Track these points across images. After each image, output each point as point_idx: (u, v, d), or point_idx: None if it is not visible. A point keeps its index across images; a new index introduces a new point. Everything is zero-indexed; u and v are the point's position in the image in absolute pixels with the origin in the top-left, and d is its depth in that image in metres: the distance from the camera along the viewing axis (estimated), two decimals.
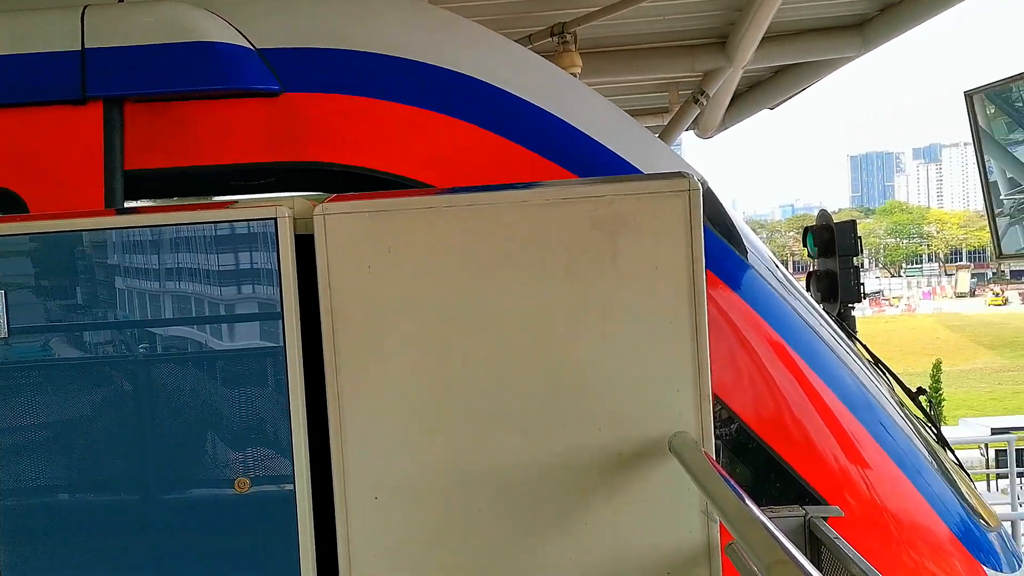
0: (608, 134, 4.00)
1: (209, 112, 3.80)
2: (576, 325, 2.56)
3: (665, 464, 2.53)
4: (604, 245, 2.57)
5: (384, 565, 2.59)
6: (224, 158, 3.80)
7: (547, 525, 2.55)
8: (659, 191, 2.57)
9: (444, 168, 3.77)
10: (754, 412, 4.05)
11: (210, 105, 3.79)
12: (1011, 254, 9.94)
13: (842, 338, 4.75)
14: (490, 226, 2.57)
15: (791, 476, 4.02)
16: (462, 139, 3.81)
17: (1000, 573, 4.21)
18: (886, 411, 4.40)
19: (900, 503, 4.16)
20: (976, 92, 9.44)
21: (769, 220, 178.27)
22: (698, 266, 2.57)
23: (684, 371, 2.57)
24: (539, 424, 2.58)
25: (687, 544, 2.56)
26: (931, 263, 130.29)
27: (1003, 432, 24.63)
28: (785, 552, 1.47)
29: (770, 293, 4.38)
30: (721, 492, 1.94)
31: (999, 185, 9.86)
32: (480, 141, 3.80)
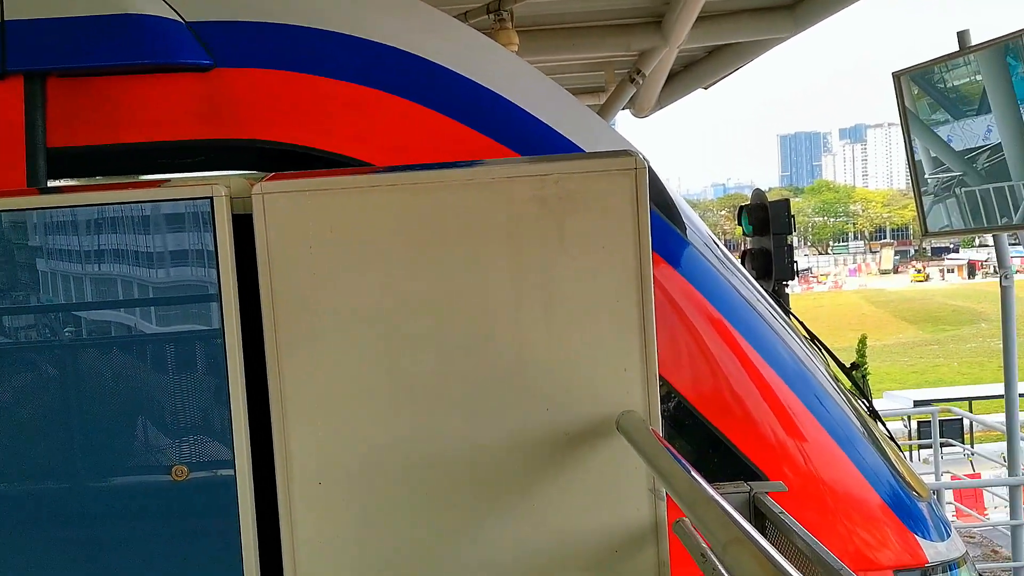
0: (550, 113, 3.97)
1: (137, 87, 3.65)
2: (522, 305, 2.53)
3: (613, 443, 2.52)
4: (550, 224, 2.54)
5: (329, 551, 2.54)
6: (153, 135, 3.66)
7: (494, 507, 2.53)
8: (605, 169, 2.55)
9: (384, 146, 3.69)
10: (695, 389, 4.09)
11: (138, 80, 3.65)
12: (936, 231, 10.23)
13: (779, 315, 4.82)
14: (434, 205, 2.52)
15: (731, 452, 4.07)
16: (402, 117, 3.73)
17: (930, 541, 4.34)
18: (822, 386, 4.49)
19: (836, 475, 4.26)
20: (903, 73, 9.66)
21: (702, 199, 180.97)
22: (644, 245, 2.56)
23: (631, 350, 2.56)
24: (486, 405, 2.55)
25: (635, 522, 2.57)
26: (857, 241, 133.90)
27: (925, 404, 25.52)
28: (740, 530, 1.47)
29: (710, 271, 4.42)
30: (672, 470, 1.94)
31: (923, 164, 10.13)
32: (421, 119, 3.73)
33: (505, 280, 2.54)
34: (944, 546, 4.41)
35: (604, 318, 2.55)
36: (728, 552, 1.43)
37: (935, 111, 9.82)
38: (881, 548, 4.22)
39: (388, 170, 2.77)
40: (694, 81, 10.44)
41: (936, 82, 9.67)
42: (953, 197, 9.86)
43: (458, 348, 2.54)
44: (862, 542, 4.22)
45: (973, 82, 9.26)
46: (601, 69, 9.59)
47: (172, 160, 3.76)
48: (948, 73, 9.50)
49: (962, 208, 9.73)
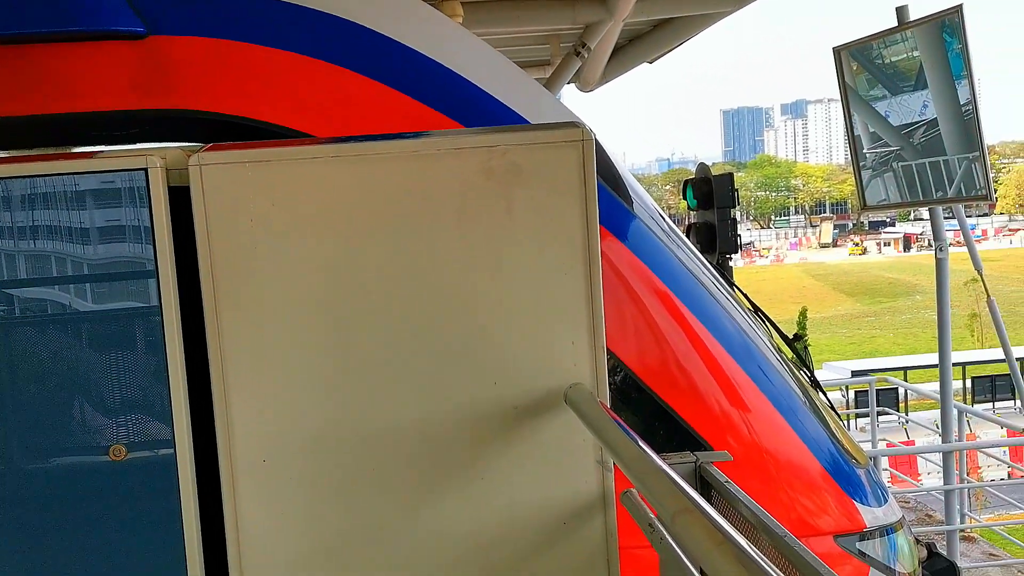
0: (496, 84, 3.93)
1: (67, 55, 3.52)
2: (470, 278, 2.51)
3: (561, 416, 2.52)
4: (497, 196, 2.51)
5: (275, 530, 2.50)
6: (84, 105, 3.54)
7: (442, 481, 2.51)
8: (553, 141, 2.53)
9: (325, 117, 3.62)
10: (641, 361, 4.12)
11: (68, 48, 3.51)
12: (874, 205, 10.43)
13: (724, 287, 4.87)
14: (379, 177, 2.47)
15: (677, 423, 4.12)
16: (344, 87, 3.66)
17: (868, 506, 4.45)
18: (765, 357, 4.56)
19: (778, 444, 4.33)
20: (843, 48, 9.78)
21: (646, 173, 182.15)
22: (592, 217, 2.55)
23: (579, 323, 2.56)
24: (433, 379, 2.53)
25: (583, 494, 2.57)
26: (797, 215, 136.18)
27: (863, 374, 26.21)
28: (688, 500, 1.47)
29: (656, 244, 4.44)
30: (620, 442, 1.94)
31: (862, 139, 10.30)
32: (363, 89, 3.66)
33: (452, 253, 2.51)
34: (881, 511, 4.53)
35: (552, 290, 2.54)
36: (676, 522, 1.43)
37: (873, 87, 9.98)
38: (822, 514, 4.32)
39: (331, 141, 2.71)
40: (639, 55, 10.44)
41: (875, 58, 9.82)
42: (890, 171, 10.05)
43: (405, 322, 2.51)
44: (804, 509, 4.31)
45: (910, 58, 9.42)
46: (547, 42, 9.54)
47: (105, 132, 3.63)
48: (886, 49, 9.65)
49: (899, 182, 9.93)
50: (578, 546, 2.56)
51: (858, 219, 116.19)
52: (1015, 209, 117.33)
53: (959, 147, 9.12)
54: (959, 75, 8.96)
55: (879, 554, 4.39)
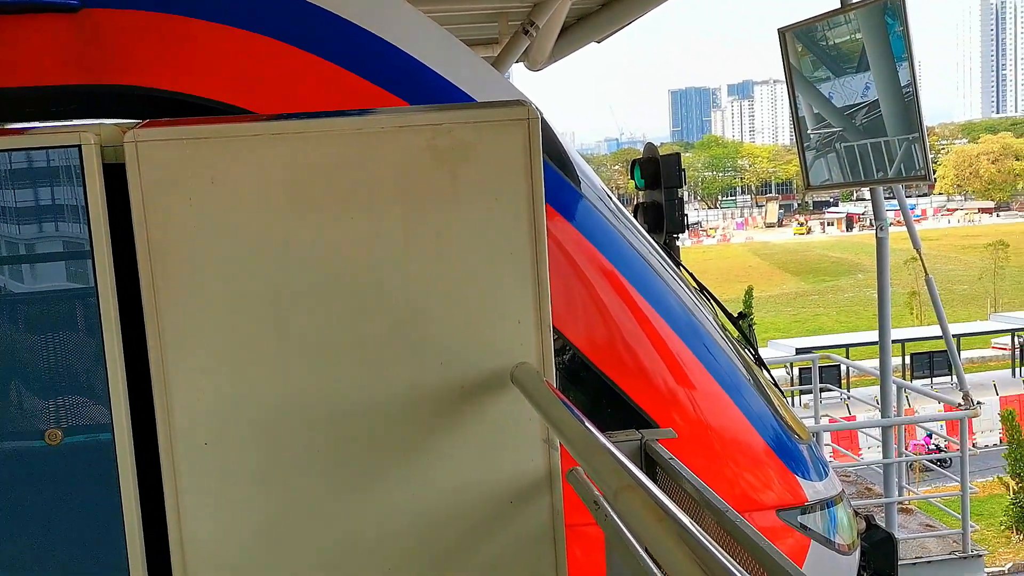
0: (442, 62, 3.89)
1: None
2: (414, 257, 2.48)
3: (507, 395, 2.52)
4: (442, 175, 2.49)
5: (217, 513, 2.46)
6: (16, 80, 3.42)
7: (388, 461, 2.50)
8: (498, 119, 2.50)
9: (271, 95, 3.55)
10: (589, 340, 4.14)
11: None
12: (817, 185, 10.59)
13: (670, 266, 4.91)
14: (322, 155, 2.43)
15: (624, 401, 4.15)
16: (286, 63, 3.59)
17: (809, 481, 4.55)
18: (711, 336, 4.61)
19: (723, 421, 4.40)
20: (788, 29, 9.88)
21: (595, 153, 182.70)
22: (538, 196, 2.54)
23: (525, 302, 2.55)
24: (378, 360, 2.51)
25: (529, 472, 2.58)
26: (744, 195, 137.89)
27: (806, 352, 26.76)
28: (631, 477, 1.48)
29: (603, 223, 4.46)
30: (565, 420, 1.94)
31: (807, 120, 10.44)
32: (306, 66, 3.60)
33: (397, 232, 2.48)
34: (822, 485, 4.64)
35: (498, 269, 2.53)
36: (619, 499, 1.44)
37: (818, 68, 10.10)
38: (765, 489, 4.40)
39: (273, 118, 2.66)
40: (587, 34, 10.43)
41: (819, 39, 9.93)
42: (833, 152, 10.21)
43: (349, 301, 2.48)
44: (748, 484, 4.39)
45: (853, 40, 9.55)
46: (495, 20, 9.48)
47: (38, 107, 3.52)
48: (830, 31, 9.77)
49: (842, 163, 10.09)
50: (525, 524, 2.57)
51: (802, 199, 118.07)
52: (953, 189, 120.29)
53: (899, 128, 9.29)
54: (900, 57, 9.11)
55: (820, 527, 4.50)
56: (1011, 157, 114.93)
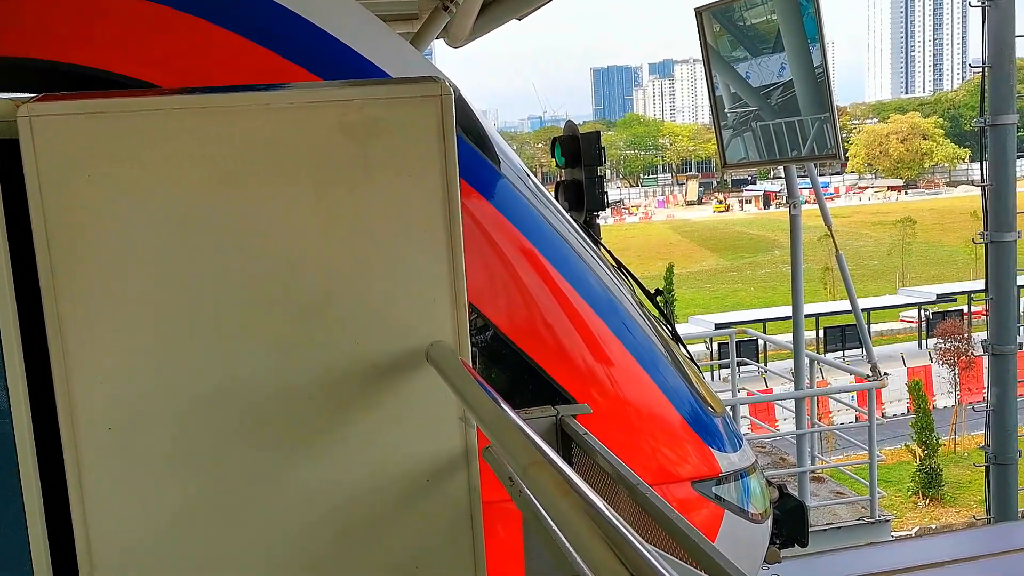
0: (357, 37, 3.83)
1: None
2: (327, 235, 2.44)
3: (423, 374, 2.51)
4: (354, 152, 2.45)
5: (123, 501, 2.39)
6: None
7: (301, 444, 2.46)
8: (411, 95, 2.47)
9: (176, 69, 3.44)
10: (508, 318, 4.16)
11: None
12: (734, 164, 10.81)
13: (589, 245, 4.96)
14: (228, 131, 2.36)
15: (543, 378, 4.19)
16: (193, 36, 3.48)
17: (724, 453, 4.67)
18: (628, 312, 4.68)
19: (641, 396, 4.48)
20: (705, 9, 10.01)
21: (518, 131, 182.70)
22: (452, 173, 2.52)
23: (440, 280, 2.54)
24: (290, 340, 2.46)
25: (446, 450, 2.58)
26: (665, 173, 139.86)
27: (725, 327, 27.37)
28: (540, 453, 1.49)
29: (522, 202, 4.47)
30: (477, 398, 1.94)
31: (724, 99, 10.62)
32: (213, 39, 3.49)
33: (307, 210, 2.44)
34: (736, 456, 4.77)
35: (412, 248, 2.51)
36: (528, 474, 1.45)
37: (735, 48, 10.27)
38: (681, 462, 4.51)
39: (177, 92, 2.57)
40: (508, 11, 10.37)
41: (736, 20, 10.10)
42: (750, 131, 10.42)
43: (259, 282, 2.43)
44: (664, 457, 4.49)
45: (769, 21, 9.73)
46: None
47: None
48: (747, 11, 9.94)
49: (757, 141, 10.31)
50: (442, 502, 2.57)
51: (721, 177, 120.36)
52: (864, 168, 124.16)
53: (812, 108, 9.52)
54: (813, 39, 9.33)
55: (733, 497, 4.63)
56: (919, 137, 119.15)
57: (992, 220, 11.76)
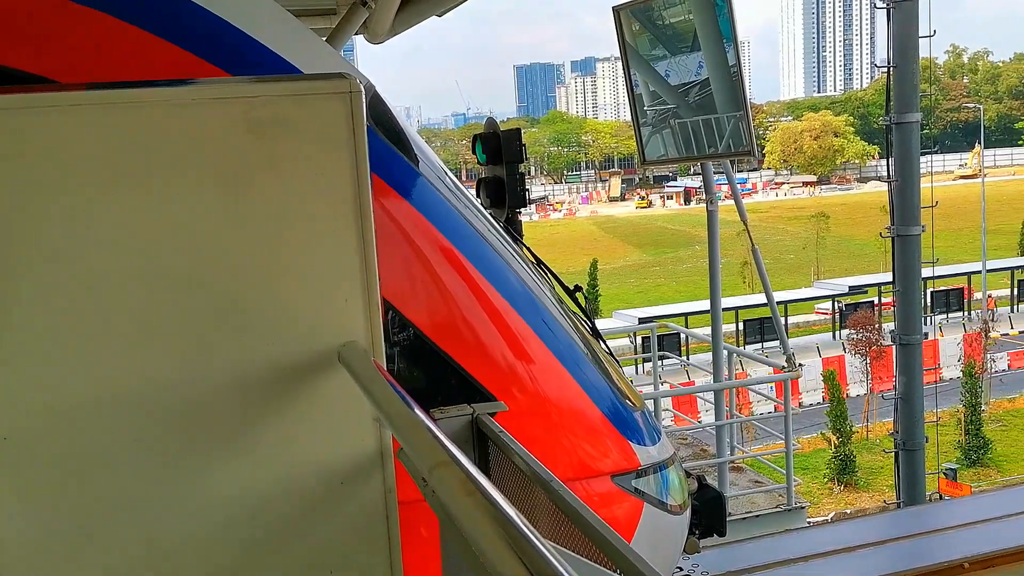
0: (266, 32, 3.75)
1: None
2: (233, 235, 2.38)
3: (335, 375, 2.47)
4: (261, 150, 2.39)
5: (19, 513, 2.30)
6: None
7: (209, 449, 2.40)
8: (319, 92, 2.43)
9: (76, 63, 3.31)
10: (427, 317, 4.13)
11: None
12: (653, 160, 10.95)
13: (508, 242, 4.96)
14: (127, 128, 2.29)
15: (463, 377, 4.18)
16: (93, 29, 3.36)
17: (643, 446, 4.74)
18: (547, 309, 4.70)
19: (561, 393, 4.51)
20: (623, 8, 10.12)
21: (442, 128, 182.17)
22: (362, 171, 2.48)
23: (352, 280, 2.50)
24: (198, 343, 2.40)
25: (361, 452, 2.54)
26: (588, 170, 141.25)
27: (649, 321, 27.83)
28: (446, 453, 1.48)
29: (440, 200, 4.44)
30: (387, 399, 1.92)
31: (643, 97, 10.75)
32: (115, 33, 3.38)
33: (212, 209, 2.37)
34: (655, 450, 4.84)
35: (322, 247, 2.47)
36: (433, 475, 1.44)
37: (655, 47, 10.40)
38: (601, 457, 4.55)
39: (75, 87, 2.47)
40: (428, 7, 10.29)
41: (655, 19, 10.23)
42: (668, 128, 10.57)
43: (164, 283, 2.35)
44: (584, 452, 4.52)
45: (687, 20, 9.88)
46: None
47: None
48: (666, 10, 10.07)
49: (676, 138, 10.47)
50: (357, 505, 2.53)
51: (643, 174, 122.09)
52: (780, 164, 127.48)
53: (728, 106, 9.71)
54: (728, 38, 9.52)
55: (653, 490, 4.69)
56: (831, 134, 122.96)
57: (898, 215, 12.21)
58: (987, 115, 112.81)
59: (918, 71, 12.45)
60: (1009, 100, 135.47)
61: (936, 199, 15.90)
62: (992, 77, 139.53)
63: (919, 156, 12.48)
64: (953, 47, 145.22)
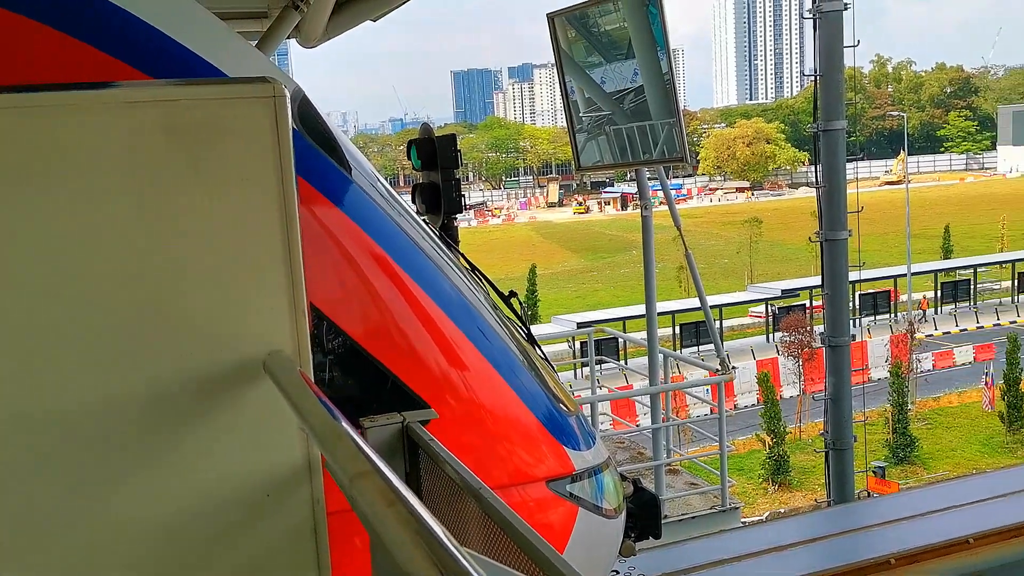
0: (189, 34, 3.66)
1: None
2: (152, 243, 2.32)
3: (261, 385, 2.42)
4: (182, 155, 2.33)
5: None
6: None
7: (125, 466, 2.32)
8: (241, 96, 2.38)
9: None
10: (358, 325, 4.08)
11: None
12: (588, 167, 11.03)
13: (443, 249, 4.94)
14: (37, 133, 2.21)
15: (397, 385, 4.14)
16: (10, 32, 3.24)
17: (578, 451, 4.75)
18: (483, 316, 4.68)
19: (496, 400, 4.49)
20: (557, 15, 10.17)
21: (380, 134, 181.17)
22: (288, 177, 2.44)
23: (277, 287, 2.45)
24: (118, 354, 2.32)
25: (288, 464, 2.49)
26: (527, 176, 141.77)
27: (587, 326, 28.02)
28: (368, 463, 1.46)
29: (372, 207, 4.40)
30: (310, 408, 1.89)
31: (579, 104, 10.82)
32: (31, 34, 3.27)
33: (132, 217, 2.30)
34: (590, 454, 4.85)
35: (246, 255, 2.41)
36: (354, 485, 1.41)
37: (591, 54, 10.47)
38: (536, 463, 4.55)
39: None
40: (363, 11, 10.22)
41: (591, 26, 10.30)
42: (603, 135, 10.66)
43: (80, 293, 2.28)
44: (519, 459, 4.51)
45: (622, 28, 9.97)
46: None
47: None
48: (601, 18, 10.16)
49: (611, 145, 10.55)
50: (284, 517, 2.48)
51: (581, 180, 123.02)
52: (714, 170, 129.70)
53: (661, 113, 9.83)
54: (661, 46, 9.63)
55: (588, 494, 4.70)
56: (763, 141, 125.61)
57: (826, 220, 12.50)
58: (911, 123, 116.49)
59: (843, 80, 12.79)
60: (931, 108, 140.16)
61: (862, 204, 16.35)
62: (915, 86, 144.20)
63: (845, 163, 12.80)
64: (878, 57, 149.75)
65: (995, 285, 59.12)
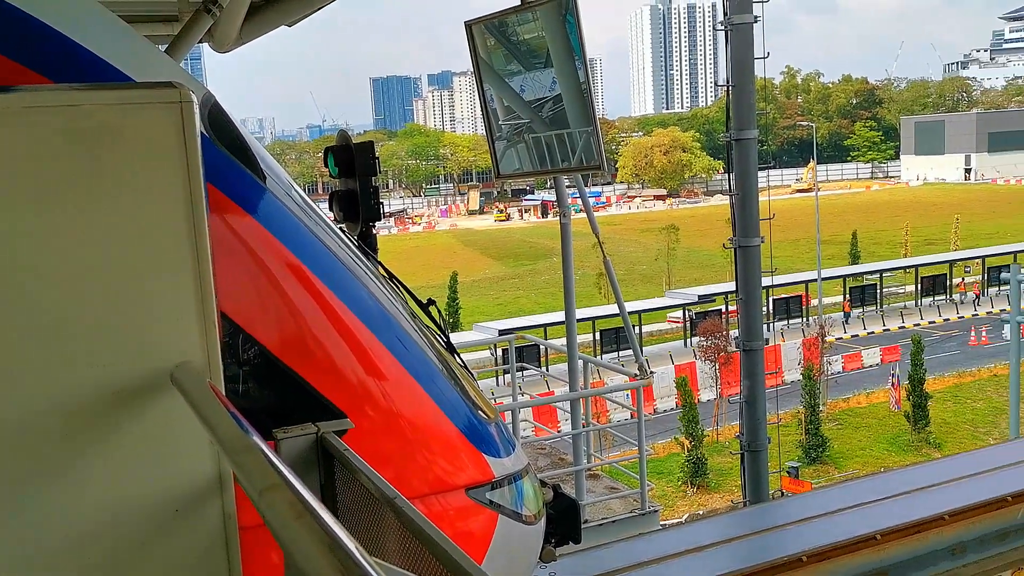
0: (93, 37, 3.56)
1: None
2: (53, 252, 2.24)
3: (168, 397, 2.35)
4: (84, 162, 2.26)
5: None
6: None
7: (25, 481, 2.23)
8: (146, 101, 2.32)
9: None
10: (272, 335, 4.02)
11: None
12: (508, 174, 11.07)
13: (360, 258, 4.89)
14: None
15: (314, 396, 4.08)
16: None
17: (497, 458, 4.76)
18: (400, 325, 4.65)
19: (414, 409, 4.47)
20: (475, 23, 10.20)
21: (297, 141, 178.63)
22: (196, 183, 2.38)
23: (186, 297, 2.39)
24: (15, 368, 2.23)
25: (199, 478, 2.43)
26: (447, 183, 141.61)
27: (509, 333, 28.11)
28: (277, 476, 1.43)
29: (287, 216, 4.33)
30: (221, 422, 1.84)
31: (498, 111, 10.86)
32: None
33: (31, 226, 2.22)
34: (509, 461, 4.87)
35: (153, 263, 2.35)
36: (263, 499, 1.38)
37: (510, 62, 10.51)
38: (455, 471, 4.54)
39: None
40: (278, 16, 10.06)
41: (510, 34, 10.35)
42: (523, 143, 10.71)
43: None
44: (438, 467, 4.49)
45: (540, 37, 10.05)
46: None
47: None
48: (520, 26, 10.21)
49: (530, 152, 10.61)
50: (194, 532, 2.42)
51: (501, 187, 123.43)
52: (632, 178, 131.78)
53: (579, 121, 9.93)
54: (579, 55, 9.74)
55: (507, 501, 4.71)
56: (679, 149, 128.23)
57: (739, 227, 12.82)
58: (819, 132, 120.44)
59: (754, 90, 13.14)
60: (839, 119, 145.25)
61: (774, 212, 16.82)
62: (823, 97, 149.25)
63: (757, 171, 13.16)
64: (788, 68, 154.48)
65: (900, 289, 61.58)
